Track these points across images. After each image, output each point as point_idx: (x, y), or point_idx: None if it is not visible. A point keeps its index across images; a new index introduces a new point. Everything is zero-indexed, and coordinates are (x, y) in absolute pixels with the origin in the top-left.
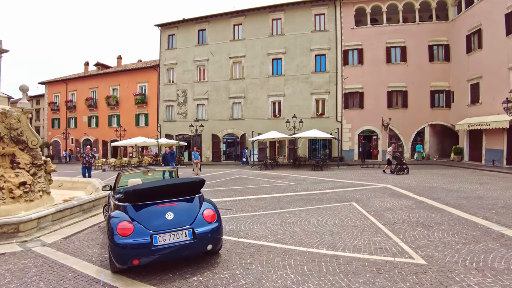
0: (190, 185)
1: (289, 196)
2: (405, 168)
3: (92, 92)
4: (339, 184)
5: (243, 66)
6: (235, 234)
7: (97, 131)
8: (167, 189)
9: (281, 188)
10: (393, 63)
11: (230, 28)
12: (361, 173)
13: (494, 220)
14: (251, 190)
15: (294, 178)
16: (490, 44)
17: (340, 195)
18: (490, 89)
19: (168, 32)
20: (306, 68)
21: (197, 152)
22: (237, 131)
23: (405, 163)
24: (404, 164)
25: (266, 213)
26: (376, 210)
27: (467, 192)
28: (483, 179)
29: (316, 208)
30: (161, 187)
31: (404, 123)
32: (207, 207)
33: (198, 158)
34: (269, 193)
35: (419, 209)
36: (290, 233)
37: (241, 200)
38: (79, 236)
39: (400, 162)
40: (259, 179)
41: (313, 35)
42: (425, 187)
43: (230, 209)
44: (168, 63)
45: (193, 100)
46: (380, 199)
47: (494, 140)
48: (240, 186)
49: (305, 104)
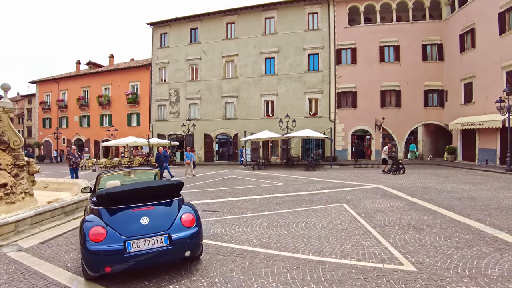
0: (167, 188)
1: (279, 197)
2: (401, 168)
3: (84, 91)
4: (330, 185)
5: (236, 65)
6: (219, 238)
7: (89, 131)
8: (143, 192)
9: (271, 189)
10: (387, 62)
11: (223, 27)
12: (354, 173)
13: (487, 222)
14: (241, 191)
15: (285, 179)
16: (483, 43)
17: (331, 196)
18: (483, 89)
19: (160, 30)
20: (299, 67)
21: (190, 153)
22: (230, 130)
23: (401, 162)
24: (400, 163)
25: (254, 216)
26: (366, 212)
27: (460, 192)
28: (476, 179)
29: (306, 210)
30: (136, 190)
31: (398, 122)
32: (186, 211)
33: (190, 159)
34: (259, 194)
35: (411, 210)
36: (276, 237)
37: (230, 201)
38: (58, 240)
39: (396, 161)
40: (250, 179)
41: (306, 34)
42: (418, 188)
43: (217, 211)
44: (160, 62)
45: (186, 99)
46: (372, 200)
47: (487, 140)
48: (230, 187)
49: (298, 104)
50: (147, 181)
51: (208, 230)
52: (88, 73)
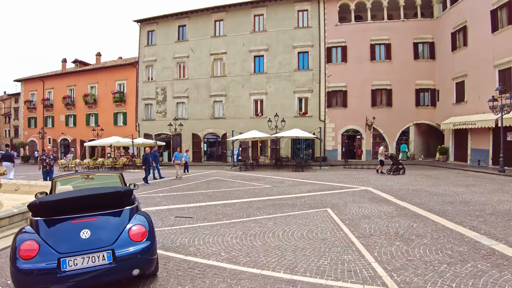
0: (114, 196)
1: (261, 201)
2: (401, 168)
3: (70, 90)
4: (317, 187)
5: (224, 63)
6: (184, 250)
7: (75, 130)
8: (86, 201)
9: (255, 191)
10: (378, 60)
11: (211, 24)
12: (343, 174)
13: (482, 231)
14: (222, 194)
15: (272, 180)
16: (476, 41)
17: (315, 200)
18: (476, 88)
19: (147, 28)
20: (289, 66)
21: (180, 153)
22: (218, 130)
23: (401, 163)
24: (400, 164)
25: (229, 223)
26: (351, 219)
27: (452, 196)
28: (468, 180)
29: (286, 216)
30: (76, 198)
31: (389, 122)
32: (137, 223)
33: (180, 160)
34: (240, 198)
35: (399, 217)
36: (247, 249)
37: (208, 206)
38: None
39: (396, 162)
40: (235, 181)
41: (296, 32)
42: (408, 190)
43: (191, 218)
44: (147, 60)
45: (173, 98)
46: (358, 205)
47: (480, 140)
48: (212, 190)
49: (288, 103)
50: (89, 188)
51: (175, 240)
52: (74, 71)
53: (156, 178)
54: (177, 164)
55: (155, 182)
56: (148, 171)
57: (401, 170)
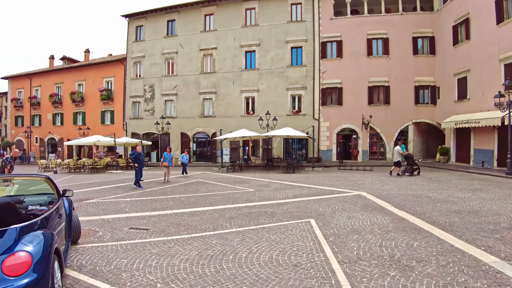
0: None
1: (236, 208)
2: (417, 169)
3: (57, 87)
4: (305, 191)
5: (215, 59)
6: (114, 278)
7: (62, 129)
8: None
9: (234, 197)
10: (375, 56)
11: (201, 19)
12: (336, 177)
13: (503, 253)
14: (196, 200)
15: (257, 183)
16: (479, 34)
17: (300, 208)
18: (479, 84)
19: (136, 23)
20: (282, 62)
21: (171, 154)
22: (208, 129)
23: (417, 163)
24: (415, 164)
25: (188, 238)
26: (337, 234)
27: (458, 203)
28: (474, 184)
29: (259, 230)
30: None
31: (386, 121)
32: (21, 249)
33: (170, 161)
34: (214, 205)
35: (396, 231)
36: (193, 280)
37: (173, 215)
38: None
39: (412, 162)
40: (217, 184)
41: (289, 26)
42: (407, 196)
43: (147, 230)
44: (135, 56)
45: (161, 95)
46: (348, 214)
47: (484, 140)
48: (187, 194)
49: (280, 101)
50: None
51: (112, 261)
52: (62, 68)
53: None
54: (165, 166)
55: (130, 185)
56: (139, 173)
57: (417, 170)
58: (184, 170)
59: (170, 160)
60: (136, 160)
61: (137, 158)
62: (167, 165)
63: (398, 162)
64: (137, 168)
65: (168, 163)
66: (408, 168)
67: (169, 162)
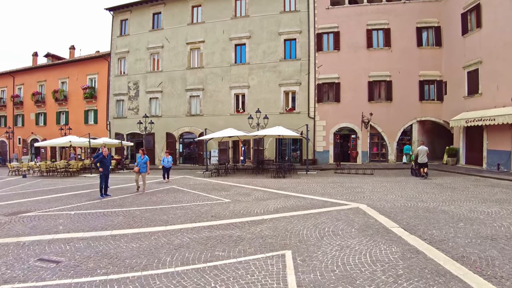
0: None
1: (194, 230)
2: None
3: (40, 86)
4: (291, 203)
5: (202, 53)
6: None
7: (45, 129)
8: None
9: (201, 211)
10: (375, 48)
11: (188, 10)
12: (332, 182)
13: None
14: (152, 215)
15: (238, 191)
16: (492, 20)
17: (277, 230)
18: (493, 76)
19: (120, 16)
20: (274, 55)
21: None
22: (195, 129)
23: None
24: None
25: (100, 282)
26: (319, 284)
27: (487, 223)
28: (496, 193)
29: (207, 271)
30: None
31: (388, 119)
32: None
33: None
34: (170, 223)
35: (411, 278)
36: None
37: (109, 238)
38: None
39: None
40: (190, 192)
41: (282, 17)
42: (418, 210)
43: (58, 262)
44: (120, 52)
45: (146, 93)
46: (340, 242)
47: (499, 139)
48: (146, 207)
49: (273, 98)
50: None
51: None
52: (45, 66)
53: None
54: (136, 171)
55: (92, 193)
56: (103, 179)
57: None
58: (165, 174)
59: (144, 165)
60: (101, 164)
61: (102, 161)
62: (137, 171)
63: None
64: (102, 173)
65: (140, 168)
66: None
67: (142, 167)
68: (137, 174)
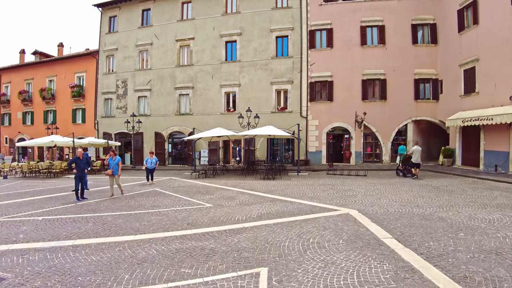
0: None
1: (165, 240)
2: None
3: (27, 84)
4: (276, 208)
5: (192, 50)
6: None
7: (33, 129)
8: None
9: (178, 217)
10: (369, 46)
11: (178, 7)
12: (323, 185)
13: None
14: (124, 221)
15: (223, 194)
16: (489, 17)
17: (257, 241)
18: (490, 74)
19: (109, 13)
20: (265, 53)
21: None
22: (184, 128)
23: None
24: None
25: None
26: None
27: (490, 232)
28: (496, 197)
29: None
30: None
31: (383, 118)
32: None
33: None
34: (141, 232)
35: None
36: None
37: (70, 248)
38: None
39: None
40: (172, 195)
41: (274, 13)
42: (413, 217)
43: (2, 280)
44: (108, 49)
45: (134, 91)
46: (325, 257)
47: (496, 140)
48: (120, 212)
49: (264, 96)
50: None
51: None
52: (32, 64)
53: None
54: (110, 174)
55: (66, 196)
56: (78, 182)
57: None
58: (148, 176)
59: (116, 166)
60: (75, 165)
61: (76, 162)
62: (110, 174)
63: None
64: (76, 175)
65: (114, 171)
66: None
67: (115, 169)
68: (111, 178)
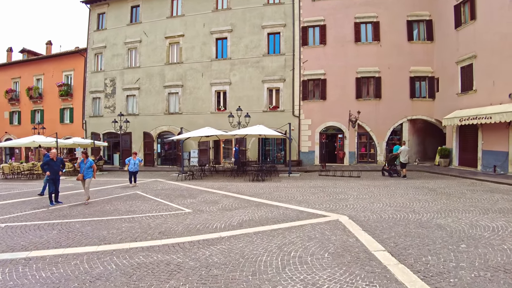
0: None
1: (129, 253)
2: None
3: (14, 83)
4: (260, 214)
5: (181, 47)
6: None
7: (20, 129)
8: None
9: (151, 225)
10: (364, 42)
11: (167, 3)
12: (313, 187)
13: None
14: (91, 229)
15: (206, 198)
16: (487, 12)
17: (231, 254)
18: (489, 71)
19: (98, 10)
20: (257, 50)
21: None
22: (173, 128)
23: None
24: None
25: None
26: None
27: (495, 243)
28: (497, 200)
29: None
30: None
31: (377, 118)
32: None
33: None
34: (105, 242)
35: None
36: None
37: (20, 261)
38: None
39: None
40: (152, 199)
41: (266, 9)
42: (409, 224)
43: None
44: (97, 47)
45: (122, 90)
46: (306, 275)
47: (495, 139)
48: (90, 218)
49: (256, 95)
50: None
51: None
52: (19, 62)
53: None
54: (80, 179)
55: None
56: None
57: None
58: (131, 178)
59: (88, 170)
60: (48, 167)
61: (48, 163)
62: (81, 178)
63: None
64: (49, 177)
65: (85, 175)
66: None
67: (86, 172)
68: (82, 182)
